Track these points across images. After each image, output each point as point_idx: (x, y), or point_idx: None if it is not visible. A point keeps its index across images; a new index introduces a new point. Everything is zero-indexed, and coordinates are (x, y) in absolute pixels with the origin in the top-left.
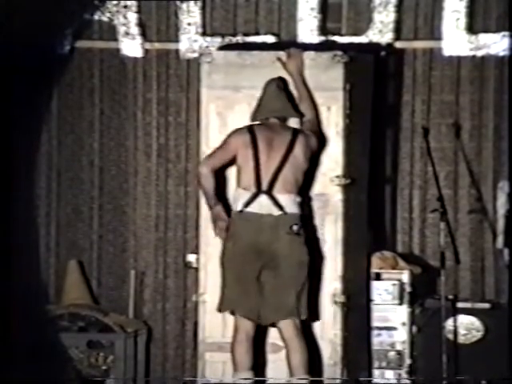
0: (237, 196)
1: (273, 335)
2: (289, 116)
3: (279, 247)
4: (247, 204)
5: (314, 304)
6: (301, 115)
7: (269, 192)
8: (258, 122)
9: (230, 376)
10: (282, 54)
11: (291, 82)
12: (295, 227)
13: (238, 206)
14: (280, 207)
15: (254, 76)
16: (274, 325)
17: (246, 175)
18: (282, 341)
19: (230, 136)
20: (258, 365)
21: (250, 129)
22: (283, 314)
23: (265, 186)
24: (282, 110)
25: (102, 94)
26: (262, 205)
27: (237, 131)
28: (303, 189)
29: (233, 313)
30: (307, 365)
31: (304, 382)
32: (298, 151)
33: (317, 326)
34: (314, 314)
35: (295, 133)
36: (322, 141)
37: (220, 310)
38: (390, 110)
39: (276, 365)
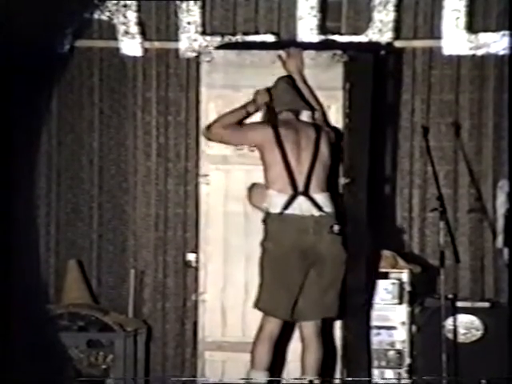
0: (272, 198)
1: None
2: (301, 109)
3: (323, 247)
4: (286, 206)
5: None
6: (313, 108)
7: (306, 193)
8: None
9: (229, 375)
10: (283, 53)
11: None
12: (336, 227)
13: (275, 208)
14: (319, 207)
15: (253, 75)
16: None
17: (279, 177)
18: (301, 339)
19: (251, 129)
20: (276, 365)
21: (272, 125)
22: (321, 313)
23: (301, 186)
24: (295, 103)
25: (102, 93)
26: (302, 206)
27: (259, 125)
28: (330, 184)
29: (266, 313)
30: (320, 366)
31: (304, 382)
32: (324, 147)
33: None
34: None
35: (318, 129)
36: (338, 133)
37: (257, 307)
38: (390, 109)
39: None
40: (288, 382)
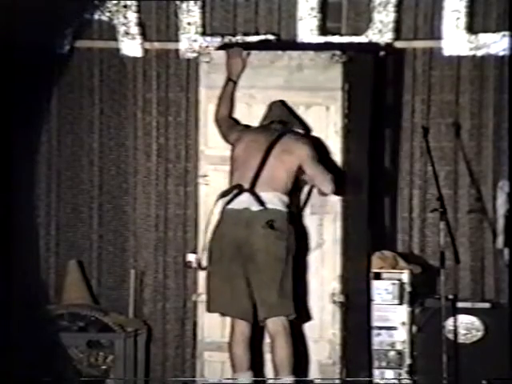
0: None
1: None
2: (290, 122)
3: (255, 241)
4: (228, 202)
5: (303, 304)
6: (305, 127)
7: (251, 190)
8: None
9: (228, 376)
10: (281, 54)
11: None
12: (272, 222)
13: (220, 206)
14: (260, 203)
15: (252, 76)
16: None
17: (233, 175)
18: (269, 336)
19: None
20: (256, 364)
21: (244, 127)
22: (268, 312)
23: (248, 184)
24: (284, 116)
25: (102, 93)
26: (242, 201)
27: (235, 127)
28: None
29: (223, 314)
30: (291, 363)
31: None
32: (284, 150)
33: (316, 326)
34: (304, 314)
35: (282, 133)
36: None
37: (209, 310)
38: (390, 110)
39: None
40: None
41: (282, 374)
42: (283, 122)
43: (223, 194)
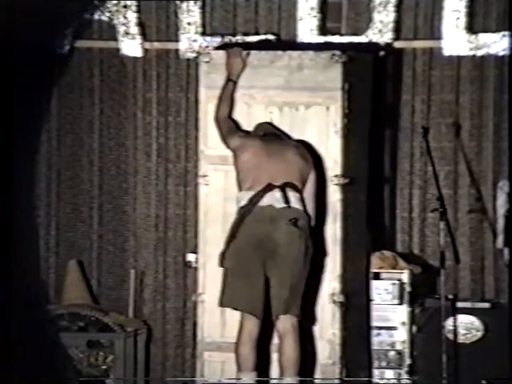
0: (241, 196)
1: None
2: (282, 135)
3: (278, 237)
4: (251, 200)
5: (311, 305)
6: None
7: (280, 187)
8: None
9: (228, 375)
10: (281, 54)
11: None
12: (296, 220)
13: (240, 203)
14: (286, 201)
15: (252, 76)
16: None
17: (248, 176)
18: (277, 336)
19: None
20: (262, 364)
21: (245, 133)
22: (282, 309)
23: (273, 182)
24: (275, 130)
25: (102, 93)
26: (266, 199)
27: (238, 133)
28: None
29: (235, 309)
30: (297, 364)
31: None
32: (299, 154)
33: (315, 326)
34: (310, 316)
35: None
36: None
37: (221, 304)
38: (390, 110)
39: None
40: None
41: (288, 374)
42: (277, 135)
43: (256, 198)
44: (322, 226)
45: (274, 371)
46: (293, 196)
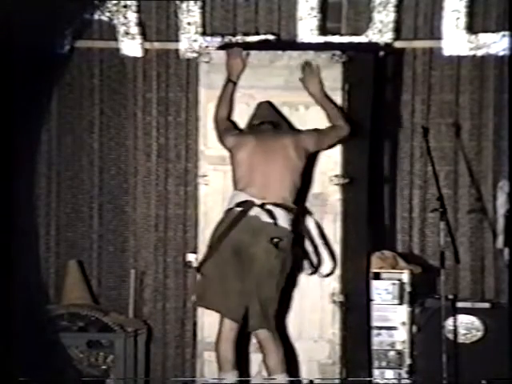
0: (233, 196)
1: None
2: (279, 123)
3: (256, 253)
4: (238, 205)
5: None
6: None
7: (262, 205)
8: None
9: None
10: (281, 54)
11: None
12: (276, 240)
13: (231, 204)
14: (272, 217)
15: (252, 76)
16: None
17: (243, 177)
18: (257, 342)
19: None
20: (242, 364)
21: (239, 131)
22: (255, 324)
23: (257, 193)
24: (273, 117)
25: (102, 93)
26: (256, 209)
27: (233, 132)
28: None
29: (214, 310)
30: (284, 363)
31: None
32: (293, 155)
33: (316, 326)
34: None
35: (280, 133)
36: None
37: (199, 304)
38: (390, 110)
39: (259, 364)
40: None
41: (276, 374)
42: (273, 122)
43: (238, 205)
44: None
45: (254, 370)
46: (280, 214)
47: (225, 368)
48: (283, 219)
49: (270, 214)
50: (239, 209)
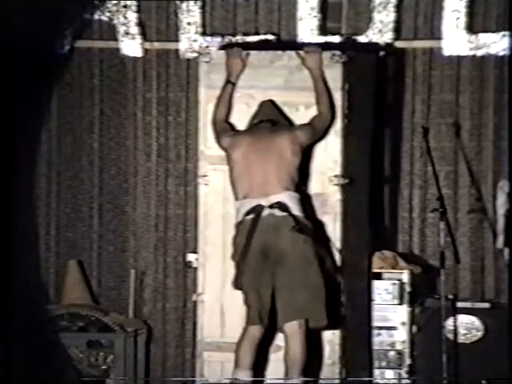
0: (238, 207)
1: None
2: (279, 121)
3: (284, 245)
4: (248, 213)
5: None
6: (291, 124)
7: (270, 207)
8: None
9: (228, 375)
10: (281, 54)
11: (310, 77)
12: (296, 226)
13: (239, 216)
14: (282, 209)
15: (252, 76)
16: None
17: (242, 182)
18: (283, 337)
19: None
20: (259, 364)
21: (235, 132)
22: (295, 315)
23: (258, 192)
24: (273, 115)
25: (102, 93)
26: (263, 210)
27: (228, 133)
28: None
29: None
30: (303, 364)
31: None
32: (288, 150)
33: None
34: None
35: (274, 129)
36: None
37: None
38: (390, 110)
39: (276, 365)
40: (272, 381)
41: (292, 373)
42: (272, 121)
43: (248, 214)
44: None
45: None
46: (284, 198)
47: (240, 366)
48: (295, 208)
49: (281, 207)
50: (250, 217)
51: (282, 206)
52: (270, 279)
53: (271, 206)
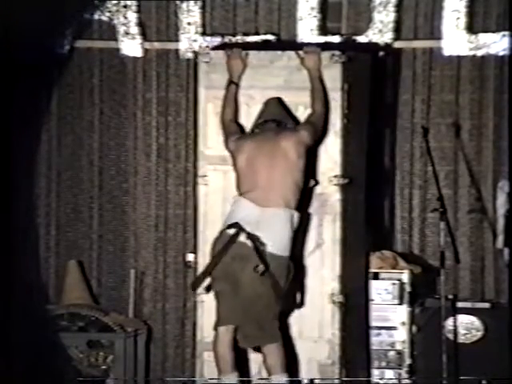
0: (233, 202)
1: None
2: (284, 121)
3: (245, 279)
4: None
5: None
6: (297, 124)
7: (250, 236)
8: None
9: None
10: (281, 54)
11: (308, 76)
12: (261, 267)
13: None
14: (261, 244)
15: (252, 76)
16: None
17: (246, 184)
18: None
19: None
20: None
21: (240, 135)
22: (253, 342)
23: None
24: (278, 115)
25: (102, 93)
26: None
27: (235, 135)
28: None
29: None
30: (284, 363)
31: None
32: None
33: (315, 326)
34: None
35: (278, 133)
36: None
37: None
38: (389, 110)
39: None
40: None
41: (276, 374)
42: (277, 121)
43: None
44: None
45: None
46: (274, 235)
47: (224, 370)
48: (277, 242)
49: (259, 240)
50: (230, 233)
51: (257, 240)
52: (233, 292)
53: (249, 234)
